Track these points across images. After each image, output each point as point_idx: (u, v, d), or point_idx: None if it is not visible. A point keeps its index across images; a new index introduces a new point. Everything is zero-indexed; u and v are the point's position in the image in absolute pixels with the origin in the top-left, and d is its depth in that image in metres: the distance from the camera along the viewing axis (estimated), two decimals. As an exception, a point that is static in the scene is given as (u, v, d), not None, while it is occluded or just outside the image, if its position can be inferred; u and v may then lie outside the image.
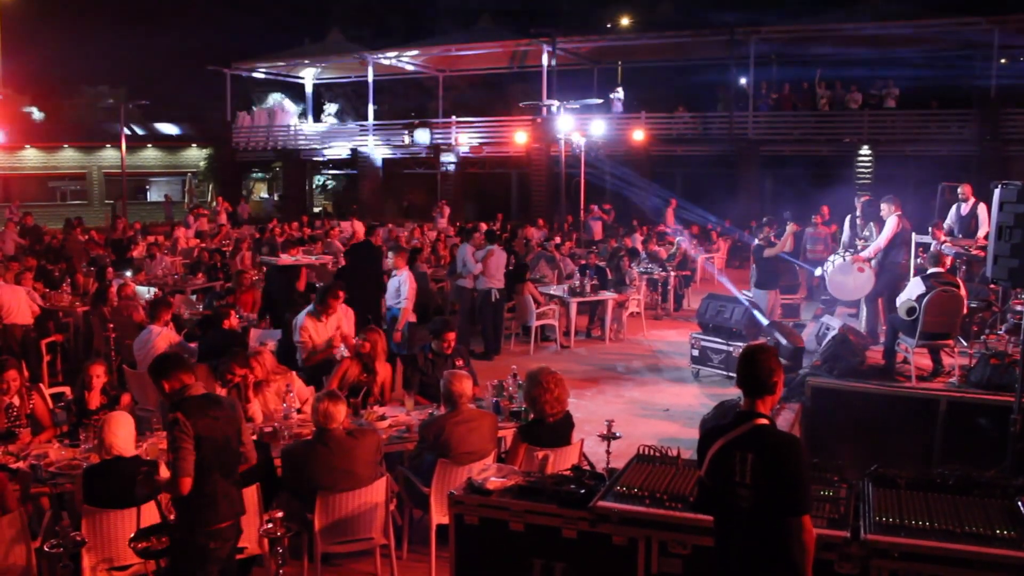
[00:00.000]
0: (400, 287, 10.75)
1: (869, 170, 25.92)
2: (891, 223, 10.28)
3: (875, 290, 10.54)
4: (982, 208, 11.25)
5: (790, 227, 13.42)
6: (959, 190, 11.80)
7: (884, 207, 10.58)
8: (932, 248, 10.18)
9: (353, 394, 7.43)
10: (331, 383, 7.53)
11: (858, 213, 12.05)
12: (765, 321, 10.94)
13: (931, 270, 8.76)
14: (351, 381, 7.65)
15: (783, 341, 9.82)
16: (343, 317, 9.06)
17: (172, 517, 4.92)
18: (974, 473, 4.87)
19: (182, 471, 4.47)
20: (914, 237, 10.95)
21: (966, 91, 26.60)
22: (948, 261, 10.02)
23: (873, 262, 10.53)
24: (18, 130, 29.27)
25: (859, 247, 11.39)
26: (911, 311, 8.36)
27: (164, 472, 4.87)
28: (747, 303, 11.61)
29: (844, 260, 10.72)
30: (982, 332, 9.41)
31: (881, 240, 10.39)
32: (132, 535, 4.97)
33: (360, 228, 18.95)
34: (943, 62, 26.65)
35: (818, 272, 12.71)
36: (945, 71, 25.85)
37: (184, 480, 4.48)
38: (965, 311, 8.75)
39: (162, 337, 8.61)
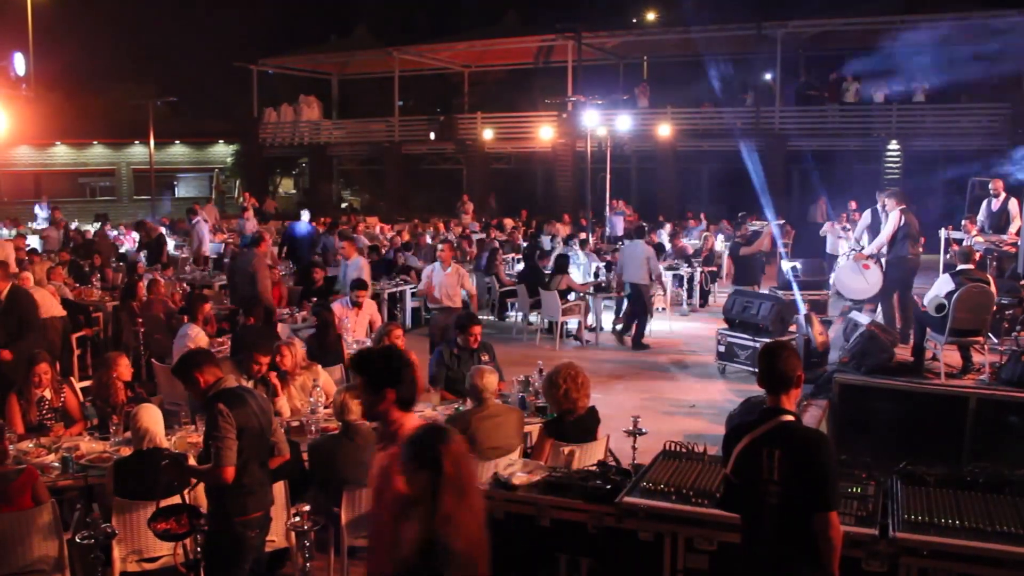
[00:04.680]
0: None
1: (898, 165, 25.64)
2: (893, 218, 10.09)
3: (886, 286, 10.39)
4: (1013, 203, 11.13)
5: (768, 227, 13.36)
6: (990, 185, 11.67)
7: (888, 202, 10.34)
8: (964, 243, 10.05)
9: None
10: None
11: (881, 209, 11.92)
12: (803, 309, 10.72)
13: (960, 266, 8.65)
14: None
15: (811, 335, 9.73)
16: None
17: (197, 507, 4.96)
18: (1005, 471, 4.83)
19: (226, 460, 4.50)
20: (945, 233, 10.82)
21: (997, 85, 26.24)
22: (977, 257, 9.88)
23: (880, 258, 10.39)
24: (49, 126, 29.50)
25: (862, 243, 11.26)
26: (940, 307, 8.28)
27: (192, 463, 4.91)
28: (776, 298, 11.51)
29: (848, 260, 10.58)
30: (1012, 329, 9.29)
31: (883, 236, 10.19)
32: (150, 515, 4.89)
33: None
34: (973, 55, 26.30)
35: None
36: (975, 65, 25.52)
37: (227, 470, 4.51)
38: (995, 307, 8.65)
39: (199, 339, 8.67)
